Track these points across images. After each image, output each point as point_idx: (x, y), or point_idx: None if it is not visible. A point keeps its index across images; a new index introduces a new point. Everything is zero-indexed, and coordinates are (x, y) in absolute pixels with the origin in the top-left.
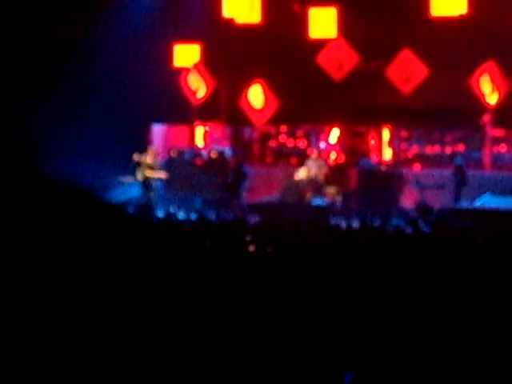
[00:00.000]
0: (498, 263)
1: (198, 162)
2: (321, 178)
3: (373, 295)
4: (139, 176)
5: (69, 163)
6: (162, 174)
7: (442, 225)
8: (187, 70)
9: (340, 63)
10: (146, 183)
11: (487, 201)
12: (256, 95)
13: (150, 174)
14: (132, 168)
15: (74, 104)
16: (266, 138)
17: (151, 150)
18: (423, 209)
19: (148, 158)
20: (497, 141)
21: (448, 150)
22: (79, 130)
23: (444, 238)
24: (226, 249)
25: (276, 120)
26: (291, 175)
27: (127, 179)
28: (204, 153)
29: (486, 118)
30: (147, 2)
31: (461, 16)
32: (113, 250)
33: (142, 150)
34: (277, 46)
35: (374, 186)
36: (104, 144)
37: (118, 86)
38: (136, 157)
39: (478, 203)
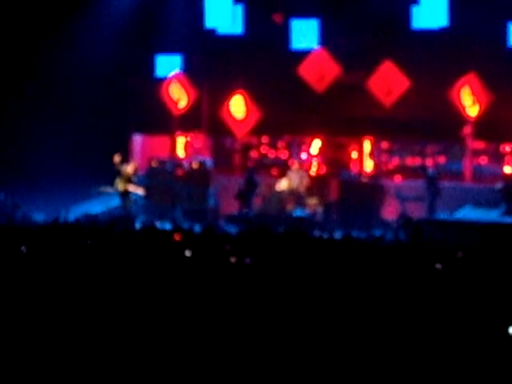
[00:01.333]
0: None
1: (179, 172)
2: (302, 189)
3: (352, 304)
4: (119, 186)
5: (48, 174)
6: (140, 190)
7: (419, 236)
8: (169, 80)
9: (322, 74)
10: (125, 194)
11: (467, 213)
12: (237, 106)
13: (129, 187)
14: (111, 177)
15: (53, 114)
16: (247, 148)
17: (133, 163)
18: (404, 220)
19: (129, 169)
20: (477, 153)
21: (429, 162)
22: (59, 140)
23: (420, 249)
24: (206, 259)
25: (257, 131)
26: (272, 186)
27: (107, 190)
28: (185, 163)
29: (467, 130)
30: (129, 12)
31: (442, 29)
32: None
33: (124, 160)
34: (259, 56)
35: (355, 198)
36: (84, 154)
37: (99, 96)
38: (117, 158)
39: (458, 215)
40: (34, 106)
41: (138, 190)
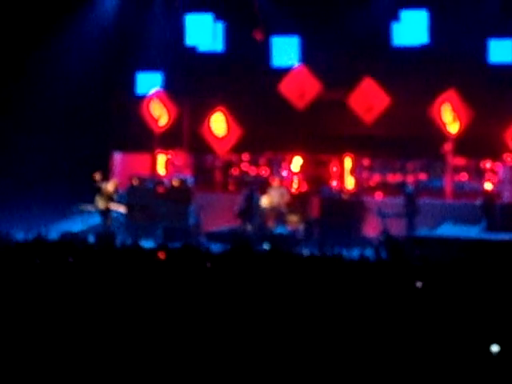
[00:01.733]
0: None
1: (160, 190)
2: (283, 206)
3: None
4: (99, 204)
5: (28, 192)
6: (122, 208)
7: (399, 253)
8: (149, 97)
9: (302, 92)
10: (105, 212)
11: (447, 229)
12: (218, 123)
13: (110, 205)
14: (92, 195)
15: (33, 131)
16: (228, 166)
17: (113, 181)
18: (385, 237)
19: (109, 187)
20: (458, 169)
21: (410, 179)
22: (39, 158)
23: (400, 267)
24: (188, 276)
25: (238, 148)
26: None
27: (87, 208)
28: (166, 181)
29: (447, 146)
30: (110, 30)
31: (422, 46)
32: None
33: (104, 177)
34: (239, 74)
35: (336, 215)
36: (64, 172)
37: (79, 113)
38: (97, 176)
39: (439, 231)
40: (12, 123)
41: (119, 208)
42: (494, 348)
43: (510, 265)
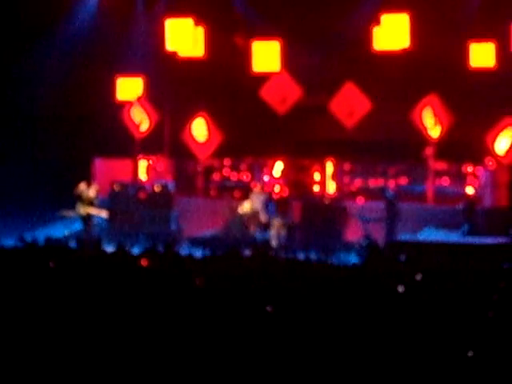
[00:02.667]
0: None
1: (142, 195)
2: (264, 211)
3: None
4: (80, 210)
5: (8, 198)
6: (103, 213)
7: (379, 257)
8: (130, 103)
9: (283, 97)
10: (87, 218)
11: (429, 234)
12: (199, 129)
13: (91, 210)
14: (73, 201)
15: (12, 137)
16: (209, 171)
17: (94, 186)
18: (366, 242)
19: (90, 193)
20: (439, 174)
21: (391, 183)
22: (19, 164)
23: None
24: (173, 282)
25: (219, 153)
26: (235, 208)
27: (69, 214)
28: (147, 186)
29: (429, 151)
30: (90, 34)
31: (403, 50)
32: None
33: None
34: (220, 79)
35: (318, 219)
36: (45, 178)
37: (59, 118)
38: (82, 186)
39: (420, 236)
40: None
41: (101, 213)
42: (471, 353)
43: (491, 268)
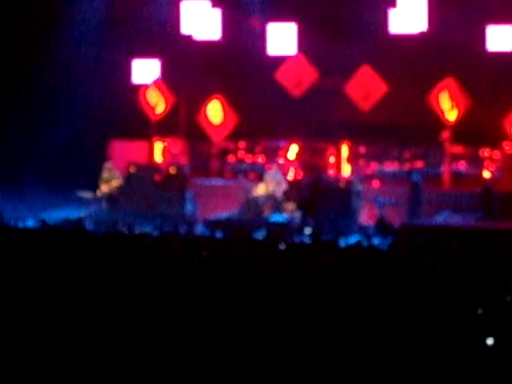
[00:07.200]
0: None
1: (157, 177)
2: (279, 193)
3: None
4: (98, 192)
5: (27, 180)
6: (115, 182)
7: (399, 242)
8: (146, 85)
9: (299, 79)
10: (110, 198)
11: (446, 218)
12: (215, 111)
13: (106, 187)
14: (90, 182)
15: (30, 120)
16: (224, 153)
17: (106, 165)
18: (382, 225)
19: (104, 174)
20: (456, 158)
21: (407, 167)
22: (37, 147)
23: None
24: (183, 263)
25: (235, 136)
26: (249, 191)
27: (86, 195)
28: (163, 168)
29: (445, 134)
30: (106, 17)
31: (421, 33)
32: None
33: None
34: (236, 62)
35: (333, 203)
36: (62, 160)
37: (75, 101)
38: (109, 165)
39: (437, 220)
40: (11, 111)
41: (114, 184)
42: (490, 341)
43: (507, 253)
